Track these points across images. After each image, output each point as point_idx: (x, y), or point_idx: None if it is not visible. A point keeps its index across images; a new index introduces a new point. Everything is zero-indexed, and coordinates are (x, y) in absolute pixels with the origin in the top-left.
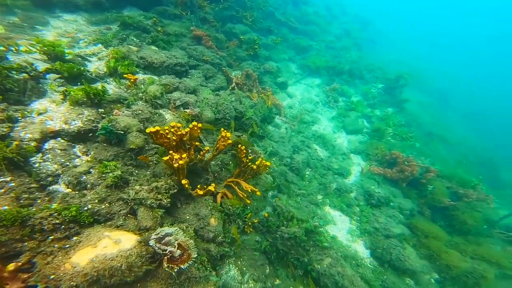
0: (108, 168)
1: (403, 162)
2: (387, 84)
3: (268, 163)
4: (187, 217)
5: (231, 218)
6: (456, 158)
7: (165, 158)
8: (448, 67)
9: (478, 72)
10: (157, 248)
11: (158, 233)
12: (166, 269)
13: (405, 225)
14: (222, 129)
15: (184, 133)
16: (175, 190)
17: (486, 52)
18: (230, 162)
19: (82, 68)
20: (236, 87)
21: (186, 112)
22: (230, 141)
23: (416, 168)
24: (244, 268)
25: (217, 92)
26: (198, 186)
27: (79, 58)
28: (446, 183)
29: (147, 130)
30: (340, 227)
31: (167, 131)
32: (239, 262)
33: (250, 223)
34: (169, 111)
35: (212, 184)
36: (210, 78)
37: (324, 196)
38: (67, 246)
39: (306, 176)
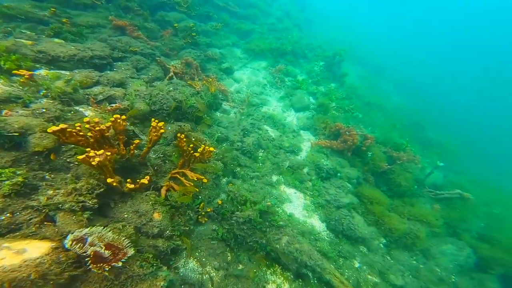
0: (3, 175)
1: (345, 133)
2: (327, 61)
3: (212, 149)
4: (126, 215)
5: (180, 211)
6: (391, 124)
7: (80, 157)
8: (382, 42)
9: (408, 44)
10: (77, 249)
11: (76, 234)
12: (94, 270)
13: (353, 194)
14: (153, 119)
15: (105, 128)
16: (102, 190)
17: (415, 26)
18: (173, 153)
19: None
20: (174, 77)
21: (113, 106)
22: (163, 131)
23: (356, 137)
24: (204, 259)
25: (152, 83)
26: (128, 180)
27: None
28: (382, 148)
29: (49, 130)
30: (296, 204)
31: (79, 128)
32: (197, 254)
33: (203, 213)
34: (90, 107)
35: (146, 177)
36: (142, 70)
37: (278, 175)
38: None
39: (259, 158)
